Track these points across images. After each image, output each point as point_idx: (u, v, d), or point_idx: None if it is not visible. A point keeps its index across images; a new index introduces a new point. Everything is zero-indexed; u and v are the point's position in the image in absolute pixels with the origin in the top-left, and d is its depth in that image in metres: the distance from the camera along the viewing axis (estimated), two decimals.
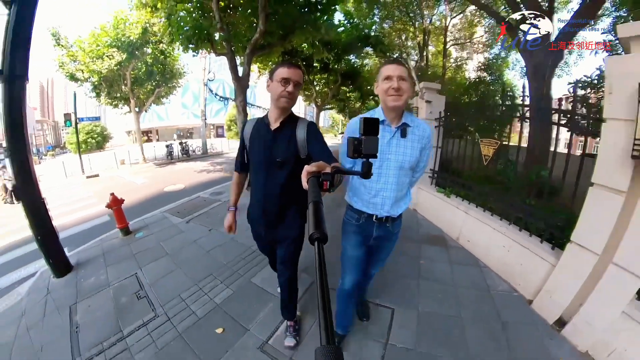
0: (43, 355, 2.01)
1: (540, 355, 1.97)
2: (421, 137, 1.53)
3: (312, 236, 0.54)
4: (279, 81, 1.44)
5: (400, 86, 1.37)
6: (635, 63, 1.73)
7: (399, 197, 1.58)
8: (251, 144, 1.65)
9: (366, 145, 0.76)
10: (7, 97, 2.42)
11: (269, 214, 1.65)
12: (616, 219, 1.86)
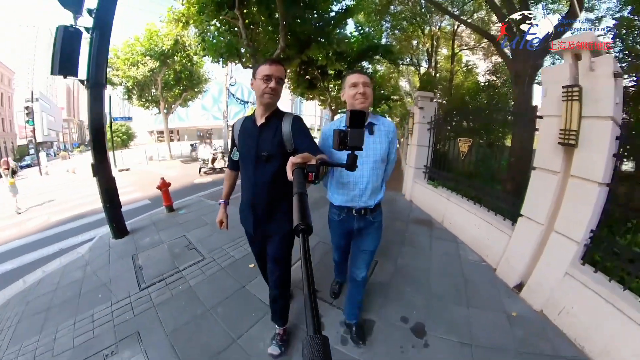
0: (112, 285, 2.80)
1: (494, 307, 2.40)
2: (387, 132, 1.70)
3: (297, 227, 0.54)
4: (262, 78, 1.47)
5: (365, 91, 1.57)
6: (561, 71, 2.26)
7: (375, 188, 1.71)
8: (239, 141, 1.69)
9: (352, 137, 0.77)
10: (92, 99, 3.28)
11: (257, 209, 1.65)
12: (553, 194, 2.34)
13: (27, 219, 6.52)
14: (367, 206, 1.72)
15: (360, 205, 1.71)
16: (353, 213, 1.74)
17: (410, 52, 14.11)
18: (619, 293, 1.84)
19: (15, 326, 2.46)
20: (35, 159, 20.65)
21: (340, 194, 1.75)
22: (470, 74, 14.32)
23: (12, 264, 4.04)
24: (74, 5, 3.35)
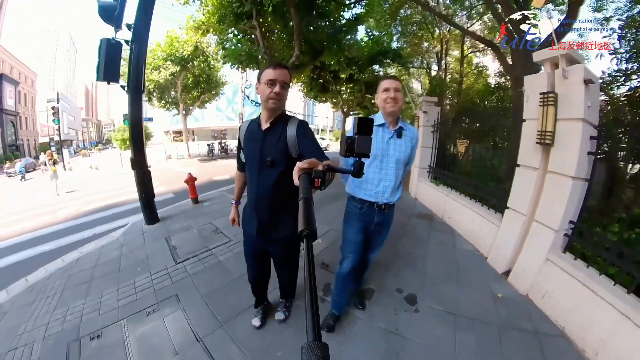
0: (149, 260, 3.24)
1: (481, 288, 2.68)
2: (412, 138, 1.85)
3: (302, 233, 0.55)
4: (266, 83, 1.46)
5: (396, 96, 1.71)
6: (540, 79, 2.57)
7: (396, 186, 1.86)
8: (245, 145, 1.69)
9: (359, 144, 0.77)
10: (131, 102, 3.78)
11: (261, 213, 1.65)
12: (534, 188, 2.63)
13: (60, 208, 7.21)
14: (389, 202, 1.85)
15: (382, 200, 1.82)
16: (374, 207, 1.85)
17: (420, 55, 14.27)
18: (595, 278, 2.04)
19: (61, 293, 2.84)
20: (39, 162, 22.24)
21: (363, 189, 1.85)
22: (481, 76, 14.33)
23: (49, 246, 4.54)
24: (115, 21, 3.86)
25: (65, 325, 2.34)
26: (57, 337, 2.23)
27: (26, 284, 3.14)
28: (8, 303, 2.80)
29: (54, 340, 2.21)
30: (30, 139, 39.21)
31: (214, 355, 1.87)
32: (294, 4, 5.79)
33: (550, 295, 2.35)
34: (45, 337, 2.25)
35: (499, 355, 1.95)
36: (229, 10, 6.76)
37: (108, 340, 2.11)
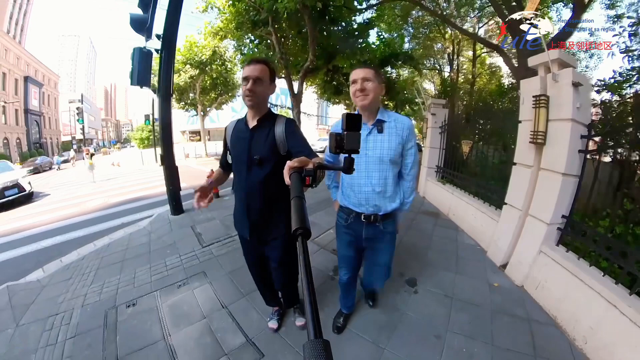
0: (177, 245, 3.62)
1: (478, 277, 2.88)
2: (401, 130, 1.54)
3: (296, 231, 0.55)
4: (242, 81, 1.46)
5: (365, 87, 1.46)
6: (533, 83, 2.76)
7: (385, 193, 1.57)
8: (232, 144, 1.66)
9: (348, 140, 0.77)
10: (162, 104, 4.20)
11: (252, 213, 1.63)
12: (529, 184, 2.82)
13: (89, 198, 7.85)
14: (376, 212, 1.59)
15: (369, 210, 1.59)
16: (362, 219, 1.62)
17: (432, 56, 14.36)
18: (585, 269, 2.15)
19: (96, 271, 3.19)
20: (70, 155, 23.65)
21: (346, 195, 1.66)
22: (494, 76, 14.25)
23: (81, 233, 5.04)
24: (146, 32, 4.30)
25: (102, 296, 2.71)
26: (95, 305, 2.58)
27: (61, 264, 3.53)
28: (46, 279, 3.17)
29: (92, 307, 2.55)
30: (53, 138, 41.56)
31: (237, 319, 2.20)
32: (308, 12, 6.13)
33: (543, 286, 2.50)
34: (83, 305, 2.59)
35: (489, 335, 2.11)
36: (246, 17, 7.20)
37: (143, 307, 2.46)
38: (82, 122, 24.22)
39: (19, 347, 2.19)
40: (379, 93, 1.52)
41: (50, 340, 2.19)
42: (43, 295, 2.82)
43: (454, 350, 1.96)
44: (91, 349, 2.06)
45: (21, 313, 2.55)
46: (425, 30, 12.15)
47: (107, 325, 2.28)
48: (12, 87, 29.69)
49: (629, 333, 1.70)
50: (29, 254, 4.37)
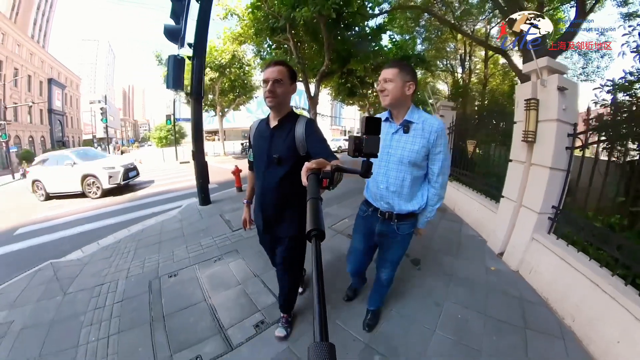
0: (209, 229, 4.11)
1: (477, 262, 3.18)
2: (428, 132, 1.48)
3: (310, 233, 0.55)
4: (263, 83, 1.52)
5: (385, 87, 1.46)
6: (526, 88, 3.07)
7: (403, 194, 1.56)
8: (254, 143, 1.72)
9: (367, 144, 0.76)
10: (194, 105, 4.72)
11: (266, 209, 1.68)
12: (522, 178, 3.12)
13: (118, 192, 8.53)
14: (390, 210, 1.61)
15: (384, 207, 1.62)
16: (378, 214, 1.66)
17: (445, 57, 14.48)
18: (573, 254, 2.36)
19: (135, 251, 3.60)
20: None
21: (369, 188, 1.70)
22: (507, 77, 14.23)
23: (113, 220, 5.60)
24: (179, 42, 4.83)
25: (145, 269, 3.15)
26: (139, 277, 2.97)
27: (98, 246, 3.98)
28: (86, 257, 3.60)
29: (136, 278, 2.95)
30: (74, 136, 43.91)
31: (268, 284, 2.65)
32: (324, 20, 6.57)
33: (536, 270, 2.74)
34: (127, 277, 2.99)
35: (483, 307, 2.38)
36: (265, 25, 7.71)
37: (184, 277, 2.90)
38: (106, 122, 25.59)
39: (68, 310, 2.54)
40: (402, 92, 1.48)
41: (99, 304, 2.58)
42: (86, 270, 3.23)
43: (450, 315, 2.30)
44: (138, 310, 2.45)
45: (67, 284, 2.95)
46: (437, 32, 12.34)
47: (152, 291, 2.71)
48: (37, 88, 31.67)
49: (608, 308, 1.91)
50: (65, 237, 4.94)
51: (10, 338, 2.24)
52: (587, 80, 9.58)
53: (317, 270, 0.47)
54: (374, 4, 8.34)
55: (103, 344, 2.10)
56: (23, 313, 2.55)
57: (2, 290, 2.98)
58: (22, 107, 27.24)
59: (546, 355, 1.94)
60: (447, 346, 1.99)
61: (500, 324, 2.21)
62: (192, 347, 2.03)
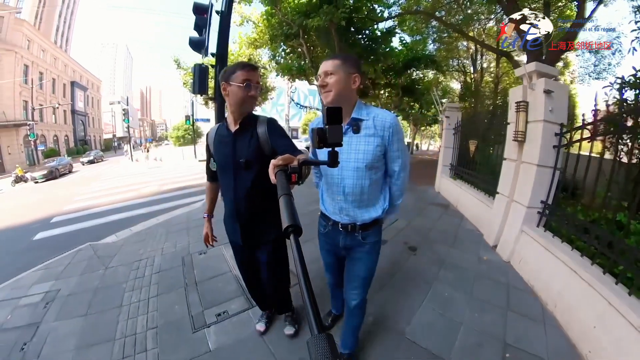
0: None
1: (470, 252, 3.45)
2: (381, 129, 1.33)
3: (287, 229, 0.55)
4: (240, 85, 1.40)
5: (326, 82, 1.30)
6: (517, 91, 3.32)
7: (361, 202, 1.41)
8: (215, 150, 1.64)
9: (331, 134, 0.76)
10: (218, 109, 5.20)
11: (242, 217, 1.62)
12: (513, 175, 3.36)
13: (143, 186, 9.25)
14: (353, 222, 1.44)
15: (344, 219, 1.45)
16: (339, 228, 1.47)
17: (456, 57, 14.46)
18: (558, 245, 2.51)
19: (166, 235, 4.08)
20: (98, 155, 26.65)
21: (325, 201, 1.55)
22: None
23: (142, 211, 6.21)
24: (204, 51, 5.33)
25: (177, 248, 3.65)
26: (172, 254, 3.48)
27: (130, 232, 4.47)
28: (121, 241, 4.07)
29: (170, 255, 3.45)
30: (96, 135, 46.53)
31: None
32: (334, 26, 6.95)
33: (524, 260, 2.94)
34: (162, 254, 3.50)
35: (470, 289, 2.66)
36: (279, 31, 8.17)
37: (211, 255, 3.34)
38: (128, 122, 26.94)
39: (110, 280, 2.98)
40: (347, 86, 1.31)
41: (138, 275, 3.05)
42: (123, 250, 3.71)
43: (437, 293, 2.62)
44: (174, 278, 2.95)
45: (108, 261, 3.44)
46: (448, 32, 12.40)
47: (184, 265, 3.21)
48: (60, 90, 33.84)
49: (586, 295, 2.04)
50: (97, 225, 5.57)
51: (59, 302, 2.71)
52: (598, 79, 9.46)
53: (301, 267, 0.47)
54: (384, 6, 8.67)
55: (144, 304, 2.57)
56: (68, 283, 3.04)
57: (47, 266, 3.50)
58: (47, 108, 29.19)
59: (524, 335, 2.10)
60: (432, 317, 2.31)
61: (484, 304, 2.45)
62: (220, 304, 2.47)
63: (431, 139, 41.79)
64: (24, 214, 7.23)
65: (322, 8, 6.61)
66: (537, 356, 1.91)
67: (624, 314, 1.67)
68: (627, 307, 1.66)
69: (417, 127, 26.13)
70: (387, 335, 2.11)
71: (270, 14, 8.22)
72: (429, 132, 30.95)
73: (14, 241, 5.28)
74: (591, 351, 1.89)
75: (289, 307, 2.12)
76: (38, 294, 2.85)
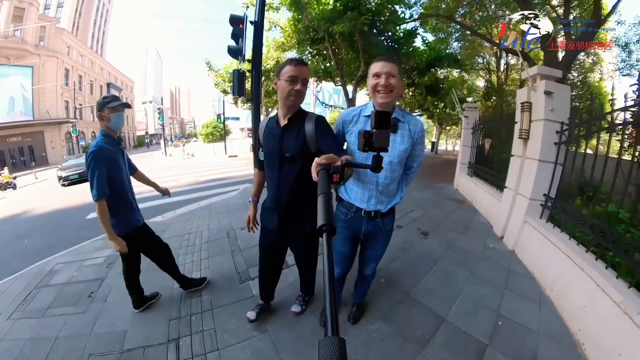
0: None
1: (478, 240, 3.77)
2: (413, 132, 1.52)
3: (321, 228, 0.56)
4: (287, 79, 1.45)
5: (390, 82, 1.38)
6: (522, 92, 3.58)
7: (388, 192, 1.59)
8: (264, 142, 1.71)
9: (377, 138, 0.76)
10: (254, 108, 5.89)
11: (282, 208, 1.68)
12: (519, 170, 3.59)
13: (180, 177, 10.27)
14: (378, 209, 1.61)
15: (370, 207, 1.60)
16: (362, 214, 1.62)
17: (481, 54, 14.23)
18: (557, 235, 2.70)
19: (209, 215, 4.77)
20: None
21: (349, 190, 1.66)
22: None
23: (182, 197, 6.97)
24: (241, 58, 6.02)
25: (221, 225, 4.31)
26: (218, 229, 4.13)
27: (175, 214, 5.13)
28: (168, 220, 4.75)
29: (215, 230, 4.09)
30: (129, 132, 50.21)
31: None
32: (358, 31, 7.40)
33: (526, 249, 3.18)
34: (209, 229, 4.15)
35: (472, 267, 3.00)
36: (305, 36, 8.73)
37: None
38: (162, 120, 28.94)
39: None
40: (400, 91, 1.50)
41: (190, 243, 3.70)
42: (172, 227, 4.41)
43: (442, 268, 3.04)
44: (221, 247, 3.55)
45: (160, 233, 3.69)
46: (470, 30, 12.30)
47: (229, 237, 3.84)
48: (98, 92, 36.91)
49: (578, 279, 2.21)
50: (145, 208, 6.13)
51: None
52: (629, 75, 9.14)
53: (329, 266, 0.47)
54: (405, 6, 8.94)
55: (197, 264, 3.21)
56: None
57: (103, 238, 4.11)
58: (86, 108, 32.16)
59: (518, 310, 2.32)
60: (434, 284, 2.74)
61: (483, 281, 2.76)
62: None
63: (457, 138, 40.74)
64: (76, 197, 8.37)
65: (345, 14, 7.07)
66: (527, 328, 2.13)
67: (609, 294, 1.86)
68: (612, 288, 1.84)
69: (441, 127, 25.76)
70: (395, 293, 2.61)
71: (297, 19, 8.78)
72: (455, 131, 30.29)
73: (69, 219, 6.20)
74: (580, 329, 2.07)
75: (311, 291, 2.29)
76: (100, 257, 3.51)
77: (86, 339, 2.16)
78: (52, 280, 3.10)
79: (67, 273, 3.22)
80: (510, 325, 2.18)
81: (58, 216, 6.67)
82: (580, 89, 11.34)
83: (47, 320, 2.42)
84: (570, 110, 3.21)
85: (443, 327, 2.18)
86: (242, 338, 2.09)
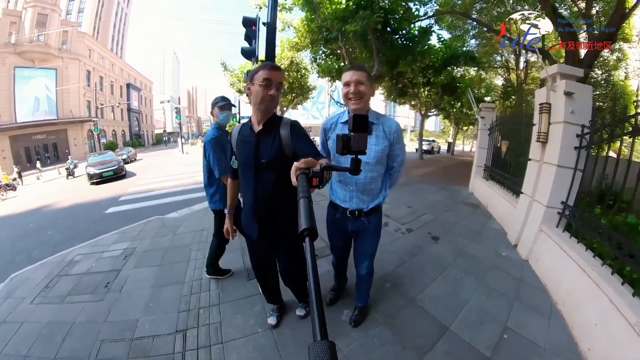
0: None
1: (491, 248, 3.59)
2: (388, 133, 1.62)
3: (303, 232, 0.55)
4: (261, 84, 1.43)
5: (359, 90, 1.50)
6: (541, 93, 3.35)
7: (369, 191, 1.69)
8: (238, 149, 1.67)
9: (355, 142, 0.78)
10: None
11: (261, 216, 1.66)
12: (536, 175, 3.38)
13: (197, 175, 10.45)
14: (360, 208, 1.71)
15: (352, 206, 1.71)
16: (347, 214, 1.74)
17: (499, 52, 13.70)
18: (573, 246, 2.54)
19: None
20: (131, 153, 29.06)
21: (333, 191, 1.80)
22: None
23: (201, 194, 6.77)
24: (254, 59, 6.06)
25: None
26: None
27: (190, 210, 5.31)
28: (184, 217, 4.90)
29: None
30: (148, 131, 52.12)
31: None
32: (372, 30, 7.30)
33: (541, 259, 3.01)
34: None
35: (482, 276, 2.87)
36: (319, 36, 8.69)
37: None
38: (179, 119, 29.68)
39: (179, 242, 3.73)
40: (371, 96, 1.61)
41: (202, 239, 3.79)
42: (187, 223, 4.53)
43: (451, 275, 2.96)
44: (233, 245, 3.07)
45: (174, 229, 4.20)
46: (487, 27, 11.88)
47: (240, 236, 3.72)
48: (118, 92, 38.64)
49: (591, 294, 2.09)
50: (162, 204, 6.56)
51: (136, 256, 3.51)
52: None
53: (312, 270, 0.47)
54: (419, 3, 8.72)
55: None
56: (143, 243, 3.85)
57: (122, 232, 4.40)
58: (107, 107, 33.79)
59: (526, 324, 2.22)
60: (441, 292, 2.67)
61: (492, 290, 2.64)
62: None
63: (474, 139, 39.61)
64: (97, 192, 8.78)
65: (358, 13, 6.98)
66: (534, 342, 2.04)
67: (623, 313, 1.73)
68: (627, 307, 1.72)
69: (458, 127, 25.13)
70: (399, 298, 2.56)
71: (310, 19, 8.74)
72: (472, 132, 29.47)
73: (89, 213, 6.55)
74: (590, 348, 1.94)
75: (305, 297, 2.25)
76: (117, 250, 3.72)
77: (100, 325, 2.33)
78: (72, 270, 3.31)
79: (86, 264, 3.44)
80: (516, 339, 2.10)
81: (80, 210, 7.05)
82: (604, 87, 10.73)
83: (65, 307, 2.62)
84: (592, 112, 3.00)
85: (446, 336, 2.13)
86: (246, 333, 2.17)
